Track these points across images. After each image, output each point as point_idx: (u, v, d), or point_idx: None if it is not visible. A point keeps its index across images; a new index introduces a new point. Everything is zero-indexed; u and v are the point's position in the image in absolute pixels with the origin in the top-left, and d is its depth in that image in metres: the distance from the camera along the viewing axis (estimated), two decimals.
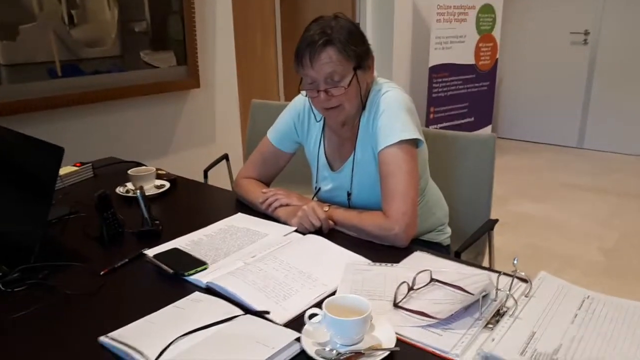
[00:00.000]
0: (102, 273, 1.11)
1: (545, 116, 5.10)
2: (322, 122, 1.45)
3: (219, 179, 2.32)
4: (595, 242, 3.01)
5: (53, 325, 0.94)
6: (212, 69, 2.78)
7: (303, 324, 0.87)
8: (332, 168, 1.45)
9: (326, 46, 1.21)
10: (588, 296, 0.95)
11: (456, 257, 1.40)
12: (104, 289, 1.07)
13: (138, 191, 1.31)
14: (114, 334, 0.88)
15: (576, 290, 0.97)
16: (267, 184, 1.56)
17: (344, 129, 1.40)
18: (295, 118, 1.49)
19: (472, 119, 4.58)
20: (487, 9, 4.32)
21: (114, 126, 2.43)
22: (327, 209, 1.31)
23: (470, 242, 1.46)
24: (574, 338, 0.82)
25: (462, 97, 4.45)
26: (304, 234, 1.27)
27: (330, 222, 1.29)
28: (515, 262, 0.96)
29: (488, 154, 1.68)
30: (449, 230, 1.57)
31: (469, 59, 4.35)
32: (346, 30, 1.23)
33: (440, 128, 4.36)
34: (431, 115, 4.31)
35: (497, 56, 4.54)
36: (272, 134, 1.53)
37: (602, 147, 4.85)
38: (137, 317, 0.93)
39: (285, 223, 1.33)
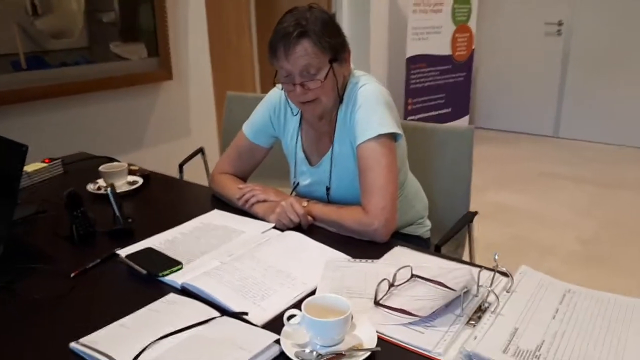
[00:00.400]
0: (72, 275, 1.07)
1: (522, 106, 5.15)
2: (299, 115, 1.42)
3: (195, 173, 2.27)
4: (573, 231, 3.05)
5: (21, 332, 0.90)
6: (185, 61, 2.72)
7: (282, 324, 0.85)
8: (310, 163, 1.42)
9: (301, 38, 1.17)
10: (569, 290, 0.95)
11: (436, 250, 1.39)
12: (75, 291, 1.02)
13: (109, 189, 1.27)
14: (85, 339, 0.84)
15: (557, 284, 0.97)
16: (244, 179, 1.52)
17: (322, 122, 1.37)
18: (271, 111, 1.46)
19: (450, 109, 4.59)
20: (463, 0, 4.32)
21: (85, 120, 2.35)
22: (305, 204, 1.28)
23: (450, 236, 1.46)
24: (556, 333, 0.82)
25: (439, 88, 4.46)
26: (282, 230, 1.24)
27: (309, 217, 1.26)
28: (496, 257, 0.95)
29: (466, 146, 1.67)
30: (428, 223, 1.56)
31: (446, 50, 4.35)
32: (321, 21, 1.19)
33: (418, 119, 4.36)
34: (409, 107, 4.31)
35: (473, 47, 4.55)
36: (247, 128, 1.49)
37: (578, 136, 4.92)
38: (110, 320, 0.90)
39: (263, 219, 1.30)
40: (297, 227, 1.25)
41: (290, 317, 0.84)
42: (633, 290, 2.32)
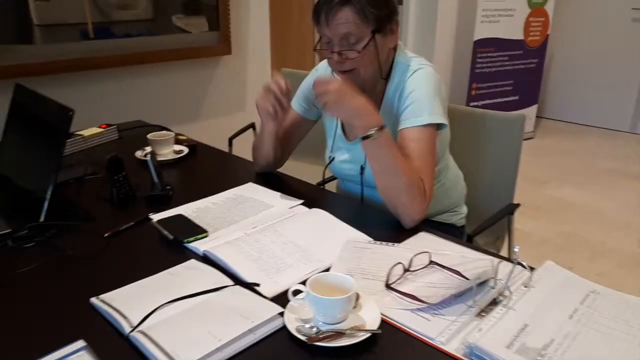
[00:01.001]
0: (106, 235, 1.13)
1: (597, 97, 4.82)
2: None
3: (245, 148, 2.31)
4: (635, 233, 2.85)
5: (52, 283, 0.97)
6: (244, 36, 2.76)
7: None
8: (348, 138, 1.41)
9: (344, 5, 1.15)
10: (594, 290, 0.89)
11: (468, 240, 1.35)
12: (106, 250, 1.09)
13: (149, 156, 1.32)
14: (105, 296, 0.90)
15: (582, 283, 0.92)
16: (288, 151, 1.52)
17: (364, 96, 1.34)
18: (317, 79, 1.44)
19: (517, 97, 4.38)
20: None
21: (144, 90, 2.45)
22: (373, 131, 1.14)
23: (485, 226, 1.40)
24: (569, 334, 0.78)
25: (507, 74, 4.26)
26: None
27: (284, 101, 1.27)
28: (516, 249, 0.91)
29: (516, 135, 1.60)
30: (464, 210, 1.51)
31: (518, 34, 4.14)
32: None
33: (482, 106, 4.20)
34: (473, 92, 4.16)
35: (548, 32, 4.30)
36: (293, 99, 1.49)
37: None
38: (132, 280, 0.95)
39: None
40: (318, 198, 1.24)
41: (296, 292, 0.85)
42: None
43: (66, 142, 1.15)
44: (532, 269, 0.95)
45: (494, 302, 0.87)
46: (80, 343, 0.78)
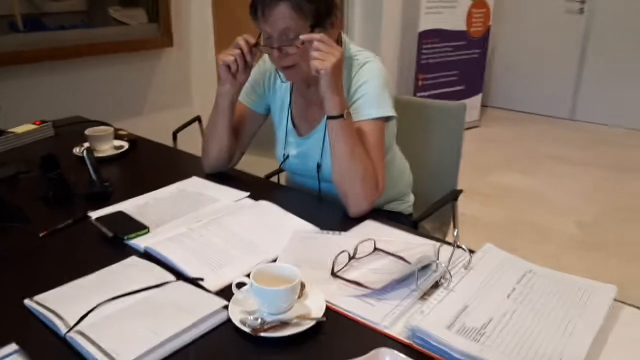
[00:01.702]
0: (41, 235, 1.08)
1: (538, 86, 5.02)
2: (289, 82, 1.39)
3: (191, 142, 2.27)
4: (573, 215, 2.99)
5: None
6: (186, 28, 2.69)
7: None
8: (299, 133, 1.40)
9: (279, 1, 1.14)
10: (530, 270, 0.93)
11: (414, 227, 1.37)
12: (42, 251, 1.04)
13: (84, 151, 1.27)
14: (39, 297, 0.86)
15: (520, 263, 0.95)
16: (237, 149, 1.45)
17: (311, 90, 1.34)
18: (264, 75, 1.41)
19: (463, 87, 4.50)
20: None
21: (82, 85, 2.35)
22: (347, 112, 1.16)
23: (429, 212, 1.44)
24: (506, 313, 0.80)
25: (452, 65, 4.36)
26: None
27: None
28: (455, 233, 0.93)
29: (457, 123, 1.64)
30: (411, 199, 1.54)
31: (460, 25, 4.24)
32: None
33: (429, 96, 4.29)
34: (419, 83, 4.24)
35: (490, 23, 4.42)
36: (242, 92, 1.46)
37: (594, 119, 4.79)
38: (70, 280, 0.91)
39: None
40: (265, 191, 1.24)
41: (240, 284, 0.84)
42: (629, 276, 2.28)
43: None
44: (472, 252, 0.98)
45: (437, 285, 0.89)
46: (13, 346, 0.74)
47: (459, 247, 0.94)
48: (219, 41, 2.89)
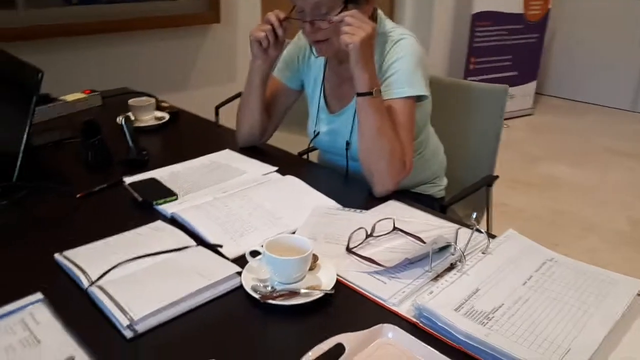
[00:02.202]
0: (78, 196, 1.14)
1: (598, 75, 4.76)
2: (323, 58, 1.39)
3: (232, 118, 2.30)
4: (625, 211, 2.85)
5: (20, 241, 0.98)
6: (234, 4, 2.72)
7: None
8: (330, 111, 1.40)
9: None
10: (552, 259, 0.90)
11: (442, 211, 1.35)
12: (77, 211, 1.10)
13: (123, 120, 1.32)
14: (68, 252, 0.91)
15: (542, 251, 0.92)
16: (270, 124, 1.47)
17: (343, 67, 1.33)
18: (297, 49, 1.42)
19: (516, 72, 4.33)
20: None
21: (132, 58, 2.44)
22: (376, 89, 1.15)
23: (460, 197, 1.41)
24: (519, 299, 0.79)
25: (506, 49, 4.20)
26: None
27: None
28: (473, 216, 0.91)
29: (499, 107, 1.59)
30: (444, 182, 1.52)
31: (517, 8, 4.07)
32: None
33: (480, 80, 4.14)
34: (471, 66, 4.11)
35: (550, 6, 4.22)
36: (275, 68, 1.47)
37: None
38: (99, 239, 0.96)
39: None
40: (294, 167, 1.25)
41: (254, 253, 0.86)
42: None
43: (36, 102, 1.14)
44: (493, 236, 0.96)
45: (451, 268, 0.88)
46: (38, 295, 0.80)
47: (478, 230, 0.92)
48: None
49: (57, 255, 0.90)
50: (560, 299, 0.79)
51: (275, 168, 1.29)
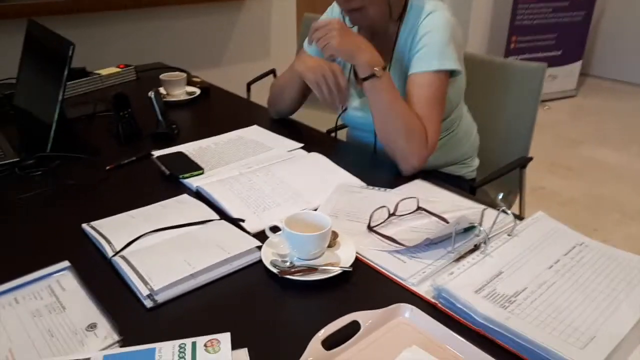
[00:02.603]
0: (107, 168, 1.17)
1: None
2: (355, 29, 1.36)
3: (264, 95, 2.30)
4: None
5: (49, 210, 1.01)
6: None
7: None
8: (359, 84, 1.37)
9: None
10: (582, 243, 0.86)
11: (471, 192, 1.32)
12: (106, 182, 1.12)
13: (152, 93, 1.33)
14: (95, 223, 0.93)
15: (572, 235, 0.89)
16: (302, 97, 1.45)
17: (375, 40, 1.30)
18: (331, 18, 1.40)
19: (560, 52, 4.16)
20: None
21: (165, 34, 2.45)
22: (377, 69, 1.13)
23: (492, 178, 1.37)
24: (544, 283, 0.76)
25: (550, 27, 4.03)
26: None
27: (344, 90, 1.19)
28: (500, 197, 0.88)
29: (536, 86, 1.53)
30: (475, 163, 1.47)
31: None
32: None
33: (522, 59, 4.00)
34: (512, 45, 3.97)
35: None
36: (307, 42, 1.45)
37: None
38: (125, 210, 0.98)
39: (300, 74, 1.23)
40: (321, 144, 1.23)
41: (275, 229, 0.86)
42: None
43: (68, 74, 1.16)
44: (520, 218, 0.93)
45: (475, 250, 0.86)
46: (65, 263, 0.82)
47: (504, 212, 0.89)
48: None
49: (84, 225, 0.92)
50: (588, 285, 0.76)
51: (301, 145, 1.28)
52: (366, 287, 0.80)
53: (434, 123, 1.17)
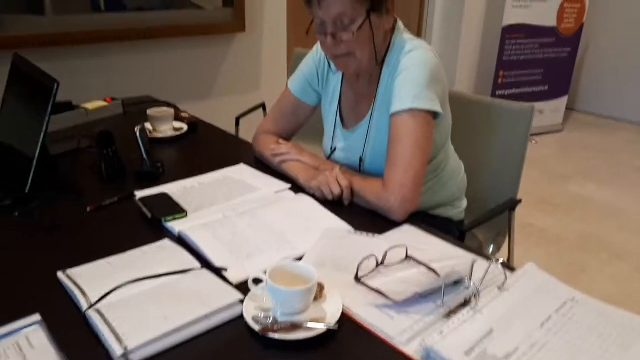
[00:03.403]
0: (88, 209, 1.13)
1: (633, 91, 4.61)
2: (340, 74, 1.36)
3: (253, 129, 2.29)
4: None
5: (25, 254, 0.97)
6: (260, 13, 2.72)
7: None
8: (345, 126, 1.37)
9: None
10: (573, 298, 0.84)
11: (460, 235, 1.30)
12: (86, 225, 1.09)
13: (137, 131, 1.31)
14: (71, 271, 0.89)
15: (563, 289, 0.87)
16: (288, 139, 1.47)
17: (360, 83, 1.30)
18: (317, 63, 1.39)
19: (546, 87, 4.23)
20: None
21: (155, 65, 2.45)
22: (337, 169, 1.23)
23: (480, 221, 1.35)
24: (536, 344, 0.73)
25: (537, 63, 4.10)
26: (324, 199, 1.19)
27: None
28: (491, 249, 0.86)
29: (524, 127, 1.53)
30: (463, 204, 1.46)
31: (550, 21, 3.97)
32: None
33: (509, 94, 4.07)
34: (500, 80, 4.03)
35: (584, 20, 4.11)
36: (293, 83, 1.45)
37: None
38: (105, 256, 0.95)
39: (303, 186, 1.25)
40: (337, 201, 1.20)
41: (257, 280, 0.83)
42: None
43: (51, 112, 1.14)
44: (512, 269, 0.91)
45: (465, 304, 0.83)
46: (36, 317, 0.78)
47: (504, 265, 0.87)
48: (291, 28, 2.89)
49: (60, 274, 0.88)
50: (580, 345, 0.74)
51: (288, 185, 1.26)
52: (352, 345, 0.76)
53: (414, 170, 1.13)
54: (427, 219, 1.34)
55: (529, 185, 3.28)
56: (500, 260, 0.88)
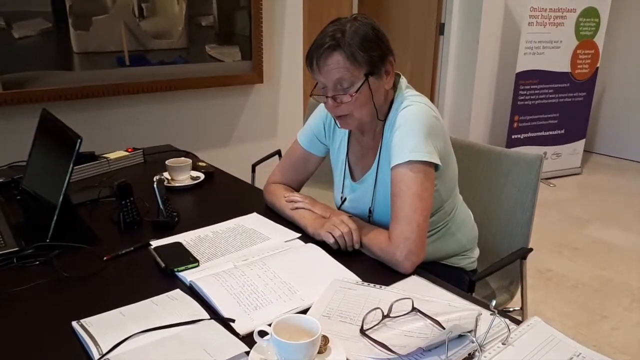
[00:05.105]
0: (105, 258, 1.18)
1: None
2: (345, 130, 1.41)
3: (269, 174, 2.35)
4: None
5: (42, 303, 1.01)
6: (277, 65, 2.82)
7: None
8: (353, 178, 1.41)
9: (334, 51, 1.15)
10: (579, 354, 0.84)
11: (470, 285, 1.30)
12: (103, 273, 1.13)
13: (155, 183, 1.36)
14: (85, 320, 0.92)
15: (568, 344, 0.86)
16: (296, 189, 1.53)
17: (365, 137, 1.35)
18: (324, 118, 1.45)
19: (563, 131, 4.23)
20: (590, 13, 3.96)
21: (177, 116, 2.55)
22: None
23: (491, 271, 1.35)
24: None
25: (552, 107, 4.13)
26: (337, 248, 1.22)
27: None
28: (493, 303, 0.87)
29: (533, 175, 1.54)
30: (475, 254, 1.46)
31: (564, 67, 4.01)
32: (360, 35, 1.16)
33: (524, 138, 4.09)
34: (515, 124, 4.05)
35: (598, 65, 4.14)
36: (301, 135, 1.51)
37: None
38: (119, 305, 0.98)
39: (312, 235, 1.28)
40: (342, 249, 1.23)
41: (263, 333, 0.85)
42: None
43: (73, 165, 1.20)
44: (518, 322, 0.91)
45: (469, 358, 0.84)
46: None
47: (510, 318, 0.88)
48: (307, 78, 2.99)
49: (74, 323, 0.92)
50: None
51: (298, 235, 1.29)
52: None
53: (416, 223, 1.15)
54: (438, 267, 1.35)
55: (548, 229, 3.25)
56: (511, 309, 0.88)
